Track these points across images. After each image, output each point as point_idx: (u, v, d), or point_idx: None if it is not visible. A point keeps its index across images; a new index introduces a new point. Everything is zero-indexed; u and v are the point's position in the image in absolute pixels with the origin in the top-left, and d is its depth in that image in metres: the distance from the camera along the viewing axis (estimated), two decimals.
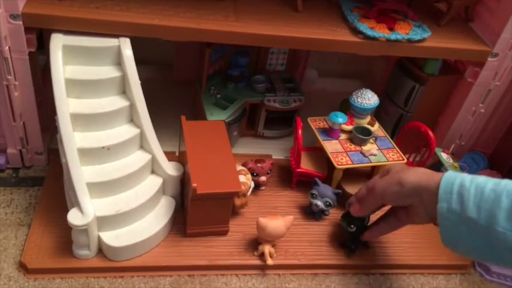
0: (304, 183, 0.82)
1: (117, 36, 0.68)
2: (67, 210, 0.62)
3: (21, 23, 0.64)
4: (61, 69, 0.65)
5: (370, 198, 0.67)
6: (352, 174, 0.82)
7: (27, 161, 0.79)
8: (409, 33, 0.76)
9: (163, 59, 1.02)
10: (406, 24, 0.78)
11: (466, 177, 0.53)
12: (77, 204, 0.62)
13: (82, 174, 0.63)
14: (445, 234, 0.55)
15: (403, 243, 0.78)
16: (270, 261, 0.69)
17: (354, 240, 0.73)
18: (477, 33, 0.83)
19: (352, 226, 0.71)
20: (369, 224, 0.73)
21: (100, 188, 0.65)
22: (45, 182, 0.76)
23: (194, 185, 0.64)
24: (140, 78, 0.68)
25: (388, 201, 0.64)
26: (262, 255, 0.70)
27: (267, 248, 0.69)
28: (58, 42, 0.65)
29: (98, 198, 0.65)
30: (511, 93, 0.85)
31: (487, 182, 0.52)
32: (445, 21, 0.82)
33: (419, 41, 0.76)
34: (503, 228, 0.49)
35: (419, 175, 0.59)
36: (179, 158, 0.80)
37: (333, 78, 1.10)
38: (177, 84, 1.01)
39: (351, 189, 0.80)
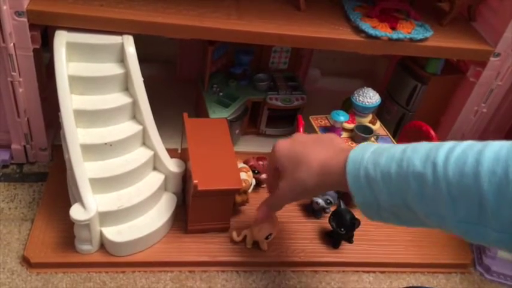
0: None
1: (120, 33, 0.69)
2: (70, 206, 0.63)
3: (25, 20, 0.65)
4: (65, 66, 0.65)
5: (276, 201, 0.63)
6: None
7: (31, 156, 0.80)
8: (411, 32, 0.76)
9: (166, 57, 1.03)
10: (408, 24, 0.78)
11: (369, 164, 0.48)
12: (79, 199, 0.63)
13: (85, 170, 0.64)
14: (371, 218, 0.52)
15: (404, 241, 0.78)
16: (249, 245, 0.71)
17: (339, 236, 0.74)
18: (480, 32, 0.83)
19: (342, 229, 0.71)
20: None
21: (102, 183, 0.65)
22: (49, 177, 0.77)
23: (195, 181, 0.65)
24: (143, 76, 0.69)
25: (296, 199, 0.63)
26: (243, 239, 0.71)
27: (249, 233, 0.70)
28: (62, 39, 0.66)
29: (100, 194, 0.65)
30: None
31: (390, 165, 0.47)
32: (447, 20, 0.82)
33: (421, 40, 0.76)
34: (423, 212, 0.46)
35: (318, 170, 0.54)
36: (181, 155, 0.81)
37: (336, 77, 1.11)
38: (180, 82, 1.02)
39: None
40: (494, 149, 0.42)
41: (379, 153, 0.49)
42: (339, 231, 0.72)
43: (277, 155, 0.59)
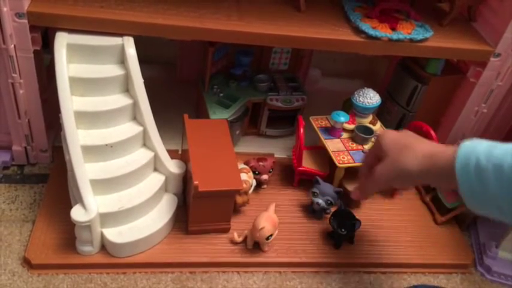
0: (306, 182, 0.82)
1: (120, 35, 0.69)
2: (71, 207, 0.63)
3: (26, 21, 0.65)
4: (65, 68, 0.65)
5: (370, 185, 0.63)
6: (354, 173, 0.82)
7: (32, 158, 0.80)
8: (412, 32, 0.76)
9: (166, 58, 1.03)
10: (408, 24, 0.78)
11: (481, 154, 0.48)
12: (80, 200, 0.63)
13: (85, 171, 0.64)
14: (473, 208, 0.52)
15: (405, 242, 0.78)
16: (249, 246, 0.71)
17: (340, 236, 0.74)
18: (480, 33, 0.83)
19: (343, 230, 0.72)
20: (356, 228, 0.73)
21: (103, 185, 0.65)
22: (50, 179, 0.77)
23: (196, 182, 0.65)
24: (144, 77, 0.69)
25: (392, 186, 0.62)
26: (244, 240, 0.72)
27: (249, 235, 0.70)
28: (62, 41, 0.66)
29: (101, 195, 0.65)
30: None
31: (504, 157, 0.47)
32: (447, 21, 0.82)
33: (421, 40, 0.76)
34: None
35: (423, 158, 0.54)
36: (182, 156, 0.81)
37: (336, 77, 1.11)
38: (181, 83, 1.02)
39: (352, 187, 0.80)
40: None
41: (494, 146, 0.49)
42: (340, 232, 0.72)
43: (383, 140, 0.59)
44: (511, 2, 0.76)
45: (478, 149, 0.49)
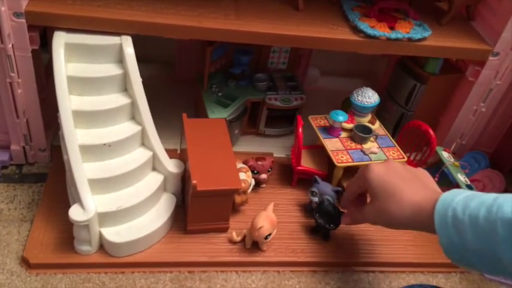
0: (305, 181, 0.82)
1: (119, 34, 0.69)
2: (69, 206, 0.63)
3: (24, 21, 0.65)
4: (63, 67, 0.65)
5: (359, 217, 0.66)
6: (353, 172, 0.82)
7: (31, 157, 0.80)
8: (410, 32, 0.76)
9: (165, 57, 1.03)
10: (407, 23, 0.78)
11: (458, 206, 0.50)
12: (78, 200, 0.63)
13: (83, 170, 0.64)
14: (453, 260, 0.53)
15: (403, 241, 0.78)
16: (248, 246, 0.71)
17: (326, 229, 0.74)
18: (478, 32, 0.83)
19: (331, 225, 0.72)
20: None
21: (101, 184, 0.65)
22: (48, 178, 0.77)
23: (194, 181, 0.65)
24: (142, 76, 0.69)
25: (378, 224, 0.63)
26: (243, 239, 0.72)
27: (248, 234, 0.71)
28: (60, 40, 0.66)
29: (100, 195, 0.65)
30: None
31: (479, 209, 0.48)
32: (446, 20, 0.82)
33: (419, 39, 0.76)
34: (508, 259, 0.46)
35: (408, 211, 0.55)
36: (180, 155, 0.81)
37: (335, 76, 1.10)
38: (179, 82, 1.02)
39: None
40: None
41: (470, 198, 0.50)
42: (329, 227, 0.72)
43: (369, 179, 0.61)
44: (510, 1, 0.76)
45: (456, 200, 0.51)
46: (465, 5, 0.84)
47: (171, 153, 0.73)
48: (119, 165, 0.67)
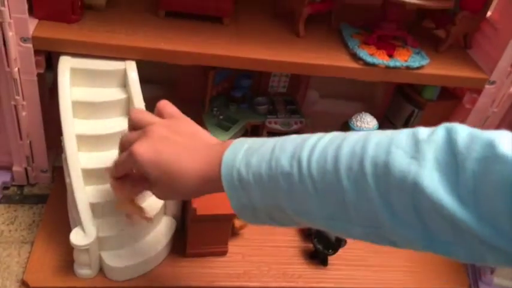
0: None
1: (123, 59, 0.70)
2: (70, 228, 0.63)
3: (31, 46, 0.66)
4: (68, 91, 0.66)
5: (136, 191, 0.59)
6: None
7: (32, 178, 0.80)
8: (408, 60, 0.78)
9: (168, 78, 1.04)
10: (405, 51, 0.80)
11: (241, 166, 0.46)
12: (79, 223, 0.63)
13: (86, 194, 0.65)
14: (246, 221, 0.51)
15: (400, 267, 0.78)
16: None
17: (324, 254, 0.74)
18: (475, 60, 0.84)
19: (330, 251, 0.72)
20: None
21: (103, 208, 0.66)
22: (49, 199, 0.78)
23: (194, 206, 0.66)
24: (145, 97, 0.70)
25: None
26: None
27: None
28: (66, 65, 0.67)
29: (101, 218, 0.66)
30: (508, 120, 0.86)
31: (261, 164, 0.45)
32: (443, 47, 0.84)
33: (417, 68, 0.78)
34: (289, 210, 0.45)
35: (194, 184, 0.50)
36: None
37: (334, 99, 1.12)
38: (181, 104, 1.02)
39: None
40: (350, 143, 0.42)
41: (251, 153, 0.47)
42: (327, 253, 0.72)
43: (140, 165, 0.51)
44: (506, 31, 0.77)
45: (237, 160, 0.47)
46: (462, 34, 0.86)
47: None
48: None
